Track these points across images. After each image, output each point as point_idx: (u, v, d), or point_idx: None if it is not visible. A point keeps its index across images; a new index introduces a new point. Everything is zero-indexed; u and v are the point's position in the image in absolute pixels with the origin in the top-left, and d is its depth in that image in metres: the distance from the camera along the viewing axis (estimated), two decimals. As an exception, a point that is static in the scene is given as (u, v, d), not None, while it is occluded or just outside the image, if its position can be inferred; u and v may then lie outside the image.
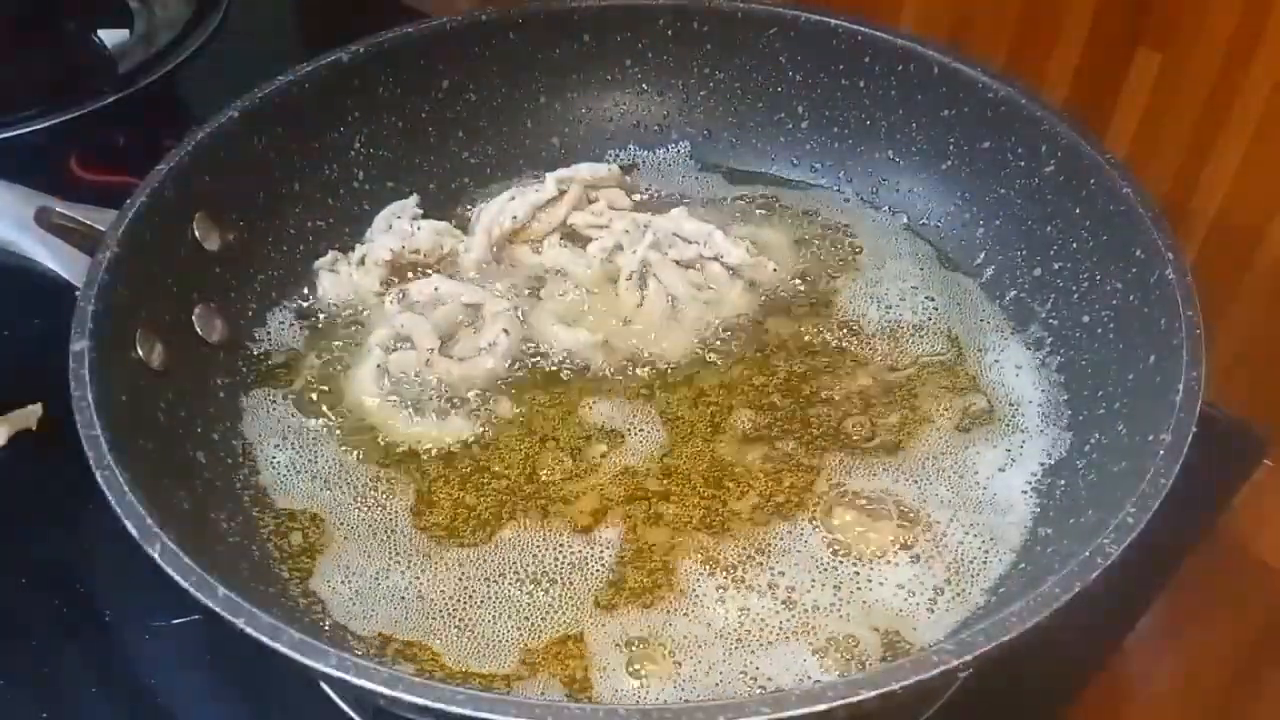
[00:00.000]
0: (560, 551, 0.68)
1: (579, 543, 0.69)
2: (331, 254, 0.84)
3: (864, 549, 0.68)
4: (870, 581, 0.66)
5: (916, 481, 0.71)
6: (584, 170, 0.89)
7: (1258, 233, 0.86)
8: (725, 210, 0.90)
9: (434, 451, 0.74)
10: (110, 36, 1.07)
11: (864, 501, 0.70)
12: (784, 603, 0.65)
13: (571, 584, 0.67)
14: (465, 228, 0.87)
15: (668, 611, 0.65)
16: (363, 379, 0.77)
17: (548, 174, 0.88)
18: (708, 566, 0.67)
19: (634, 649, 0.63)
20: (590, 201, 0.87)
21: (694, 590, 0.66)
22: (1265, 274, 0.87)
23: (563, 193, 0.86)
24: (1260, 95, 0.82)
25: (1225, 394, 0.78)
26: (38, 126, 0.95)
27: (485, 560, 0.68)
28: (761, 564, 0.67)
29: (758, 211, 0.90)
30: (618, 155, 0.94)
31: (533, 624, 0.65)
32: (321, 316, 0.82)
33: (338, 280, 0.83)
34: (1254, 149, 0.84)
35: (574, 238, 0.86)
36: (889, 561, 0.67)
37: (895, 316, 0.82)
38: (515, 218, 0.84)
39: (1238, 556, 0.81)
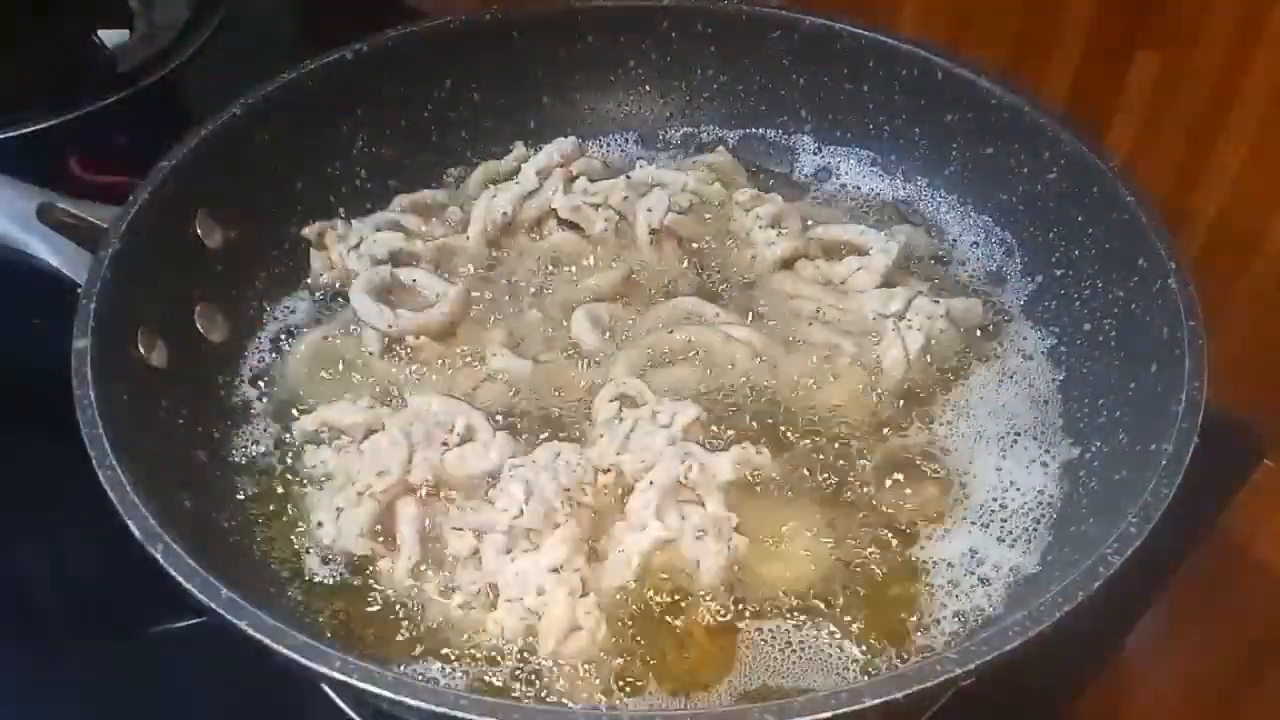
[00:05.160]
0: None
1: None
2: (318, 224, 0.84)
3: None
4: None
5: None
6: (554, 152, 0.88)
7: (1258, 233, 0.87)
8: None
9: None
10: (110, 36, 1.07)
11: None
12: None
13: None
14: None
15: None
16: (300, 353, 0.78)
17: (523, 165, 0.87)
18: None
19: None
20: (572, 178, 0.87)
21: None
22: (1265, 274, 0.88)
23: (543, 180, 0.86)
24: (1259, 96, 0.82)
25: (1225, 394, 0.78)
26: (38, 127, 0.94)
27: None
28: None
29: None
30: (618, 156, 0.94)
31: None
32: (321, 312, 0.82)
33: (328, 262, 0.83)
34: (1254, 149, 0.84)
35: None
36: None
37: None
38: (505, 214, 0.84)
39: (1238, 556, 0.81)
